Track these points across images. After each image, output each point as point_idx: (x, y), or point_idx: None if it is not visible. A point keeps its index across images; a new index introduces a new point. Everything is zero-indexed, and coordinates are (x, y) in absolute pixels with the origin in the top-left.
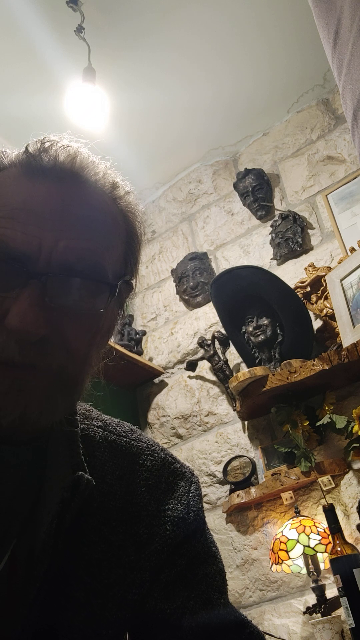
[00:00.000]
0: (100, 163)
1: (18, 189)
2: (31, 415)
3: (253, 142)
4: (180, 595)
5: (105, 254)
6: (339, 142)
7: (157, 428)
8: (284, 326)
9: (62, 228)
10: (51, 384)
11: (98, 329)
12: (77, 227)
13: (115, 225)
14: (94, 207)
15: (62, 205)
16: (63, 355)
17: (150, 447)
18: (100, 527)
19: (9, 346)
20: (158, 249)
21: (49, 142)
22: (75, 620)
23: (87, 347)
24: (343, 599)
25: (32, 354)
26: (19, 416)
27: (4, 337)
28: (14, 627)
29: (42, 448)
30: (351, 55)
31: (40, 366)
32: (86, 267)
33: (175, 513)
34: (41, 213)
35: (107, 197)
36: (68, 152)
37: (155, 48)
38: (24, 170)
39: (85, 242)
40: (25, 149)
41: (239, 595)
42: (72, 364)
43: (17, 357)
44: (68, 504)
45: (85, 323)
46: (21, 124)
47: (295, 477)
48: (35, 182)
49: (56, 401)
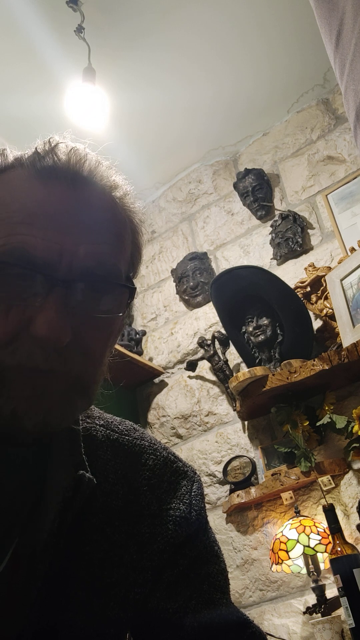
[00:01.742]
0: (105, 163)
1: (32, 193)
2: (53, 418)
3: (253, 142)
4: (182, 594)
5: (120, 256)
6: (339, 142)
7: (157, 428)
8: (284, 326)
9: (80, 232)
10: (70, 388)
11: (112, 331)
12: (95, 231)
13: (124, 226)
14: (106, 209)
15: (77, 209)
16: (81, 359)
17: (152, 446)
18: (102, 527)
19: (35, 353)
20: (158, 249)
21: (58, 143)
22: (76, 620)
23: (102, 349)
24: (343, 599)
25: (55, 359)
26: (42, 419)
27: (29, 344)
28: (15, 626)
29: (44, 447)
30: (353, 56)
31: (61, 371)
32: (106, 271)
33: (178, 512)
34: (59, 218)
35: (113, 197)
36: (78, 154)
37: (155, 48)
38: (35, 172)
39: (103, 246)
40: (35, 150)
41: (239, 595)
42: (89, 367)
43: (42, 364)
44: (70, 504)
45: (102, 327)
46: (21, 124)
47: (295, 477)
48: (48, 186)
49: (75, 404)
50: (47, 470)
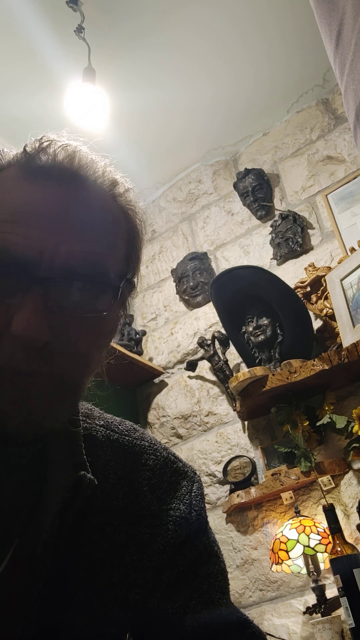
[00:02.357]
0: (99, 161)
1: (17, 191)
2: (35, 418)
3: (253, 142)
4: (182, 594)
5: (107, 255)
6: (338, 142)
7: (157, 428)
8: (284, 326)
9: (63, 231)
10: (54, 389)
11: (101, 331)
12: (79, 229)
13: (117, 224)
14: (95, 207)
15: (63, 207)
16: (65, 359)
17: (152, 446)
18: (103, 527)
19: (16, 354)
20: (158, 249)
21: (47, 141)
22: (76, 620)
23: (89, 349)
24: (343, 599)
25: (37, 360)
26: (24, 419)
27: (10, 345)
28: (15, 627)
29: (44, 448)
30: (353, 56)
31: (44, 372)
32: (89, 270)
33: (178, 513)
34: (42, 216)
35: (107, 195)
36: (67, 151)
37: (155, 48)
38: (22, 171)
39: (87, 245)
40: (24, 149)
41: (239, 595)
42: (74, 368)
43: (24, 365)
44: (70, 504)
45: (87, 326)
46: (21, 124)
47: (295, 477)
48: (34, 184)
49: (59, 405)
50: (47, 471)
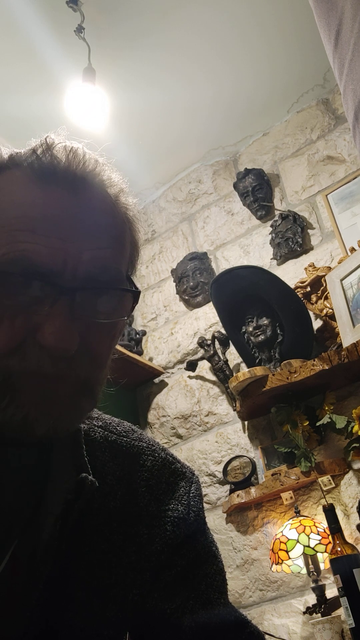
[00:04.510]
0: (103, 163)
1: (31, 197)
2: (62, 424)
3: (253, 142)
4: (180, 595)
5: (121, 259)
6: (339, 142)
7: (157, 428)
8: (284, 326)
9: (83, 238)
10: (77, 392)
11: (115, 335)
12: (96, 236)
13: (123, 227)
14: (106, 213)
15: (79, 214)
16: (87, 363)
17: (150, 447)
18: (101, 528)
19: (43, 360)
20: (158, 249)
21: (56, 144)
22: (76, 620)
23: (107, 353)
24: (343, 599)
25: (62, 365)
26: (52, 425)
27: (37, 350)
28: (16, 627)
29: (46, 449)
30: (352, 56)
31: (69, 376)
32: (110, 276)
33: (176, 513)
34: (61, 224)
35: (112, 198)
36: (77, 155)
37: (155, 48)
38: (33, 175)
39: (105, 251)
40: (32, 150)
41: (239, 595)
42: (95, 371)
43: (51, 370)
44: (72, 506)
45: (107, 331)
46: (21, 124)
47: (295, 477)
48: (47, 190)
49: (82, 408)
50: (48, 471)
